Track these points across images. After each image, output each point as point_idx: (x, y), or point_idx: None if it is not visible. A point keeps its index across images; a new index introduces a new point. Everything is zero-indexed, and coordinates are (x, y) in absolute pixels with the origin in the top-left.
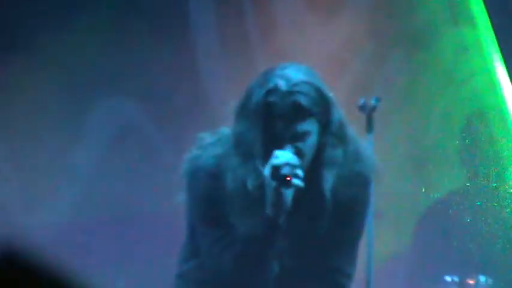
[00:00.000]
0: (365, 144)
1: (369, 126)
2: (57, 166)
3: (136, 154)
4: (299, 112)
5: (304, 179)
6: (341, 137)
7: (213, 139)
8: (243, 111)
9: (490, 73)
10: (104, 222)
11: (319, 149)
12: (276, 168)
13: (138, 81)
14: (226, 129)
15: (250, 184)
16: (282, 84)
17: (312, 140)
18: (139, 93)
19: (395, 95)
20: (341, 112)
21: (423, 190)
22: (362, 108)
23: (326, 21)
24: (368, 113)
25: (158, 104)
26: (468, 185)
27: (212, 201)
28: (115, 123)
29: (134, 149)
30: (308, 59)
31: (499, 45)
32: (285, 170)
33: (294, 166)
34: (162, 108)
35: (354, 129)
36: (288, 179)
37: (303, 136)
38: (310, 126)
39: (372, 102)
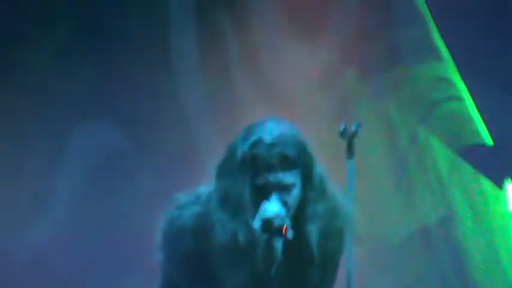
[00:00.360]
0: (342, 198)
1: (350, 152)
2: (38, 190)
3: (117, 179)
4: (284, 163)
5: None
6: (322, 192)
7: (190, 198)
8: (228, 166)
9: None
10: (86, 244)
11: (303, 203)
12: (267, 221)
13: (120, 106)
14: (203, 188)
15: (241, 238)
16: (265, 137)
17: (296, 193)
18: (121, 118)
19: (375, 120)
20: (321, 167)
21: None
22: (343, 134)
23: (307, 46)
24: (349, 139)
25: (139, 128)
26: (450, 213)
27: (197, 259)
28: (97, 148)
29: (115, 173)
30: (289, 83)
31: (463, 80)
32: (277, 222)
33: (283, 217)
34: (143, 133)
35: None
36: (284, 231)
37: (288, 187)
38: (294, 178)
39: (353, 128)
